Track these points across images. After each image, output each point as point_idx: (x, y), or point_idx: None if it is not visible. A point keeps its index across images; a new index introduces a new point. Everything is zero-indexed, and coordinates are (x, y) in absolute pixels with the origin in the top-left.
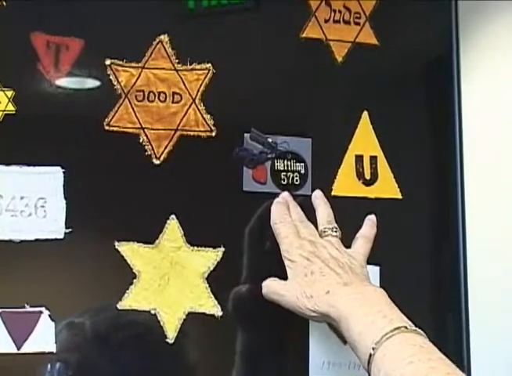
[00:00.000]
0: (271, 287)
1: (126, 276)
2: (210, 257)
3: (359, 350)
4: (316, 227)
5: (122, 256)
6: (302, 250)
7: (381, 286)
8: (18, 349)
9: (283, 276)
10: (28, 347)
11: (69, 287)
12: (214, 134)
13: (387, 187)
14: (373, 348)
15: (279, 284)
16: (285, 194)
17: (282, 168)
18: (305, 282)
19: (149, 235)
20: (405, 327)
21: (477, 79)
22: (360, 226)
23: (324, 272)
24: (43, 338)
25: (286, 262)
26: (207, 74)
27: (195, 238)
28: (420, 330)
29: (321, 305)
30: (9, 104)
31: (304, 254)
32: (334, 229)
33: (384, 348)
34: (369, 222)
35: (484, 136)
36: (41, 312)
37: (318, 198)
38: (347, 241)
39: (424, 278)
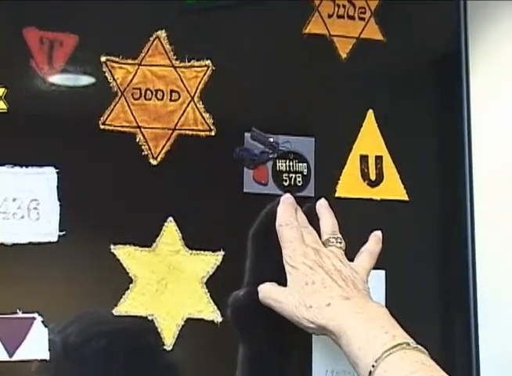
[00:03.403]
0: (268, 291)
1: (122, 280)
2: (209, 261)
3: (359, 366)
4: (319, 234)
5: (118, 260)
6: (305, 257)
7: (387, 291)
8: (10, 357)
9: (283, 281)
10: (21, 354)
11: (63, 292)
12: (213, 133)
13: (393, 188)
14: (373, 365)
15: (277, 290)
16: (289, 196)
17: (284, 169)
18: (305, 291)
19: (146, 238)
20: (408, 344)
21: (486, 76)
22: (365, 229)
23: (326, 284)
24: (36, 345)
25: (287, 268)
26: (206, 71)
27: (194, 241)
28: (422, 348)
29: (320, 317)
30: (1, 102)
31: (308, 263)
32: (339, 240)
33: (384, 364)
34: (374, 237)
35: (493, 135)
36: (33, 319)
37: (323, 207)
38: (351, 245)
39: (432, 283)
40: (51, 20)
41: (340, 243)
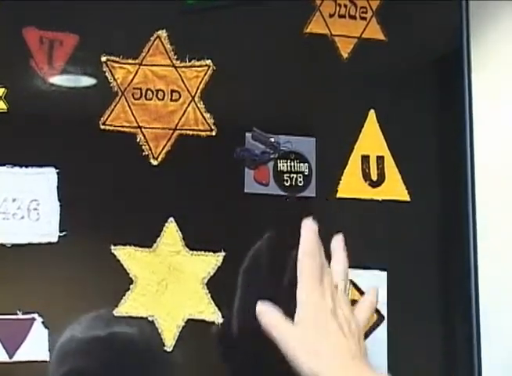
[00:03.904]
0: (274, 322)
1: (122, 281)
2: (210, 261)
3: None
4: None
5: (118, 260)
6: (321, 299)
7: (388, 292)
8: (10, 358)
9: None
10: (21, 355)
11: (63, 292)
12: (214, 133)
13: (394, 189)
14: None
15: (284, 323)
16: (313, 222)
17: (285, 169)
18: (313, 335)
19: (146, 238)
20: None
21: (487, 76)
22: (367, 230)
23: (337, 336)
24: (36, 346)
25: (301, 303)
26: (207, 70)
27: (194, 242)
28: None
29: (320, 369)
30: (1, 102)
31: (323, 306)
32: (348, 288)
33: None
34: (373, 291)
35: (494, 135)
36: (33, 319)
37: (338, 244)
38: (352, 246)
39: (433, 283)
40: (51, 20)
41: (349, 290)
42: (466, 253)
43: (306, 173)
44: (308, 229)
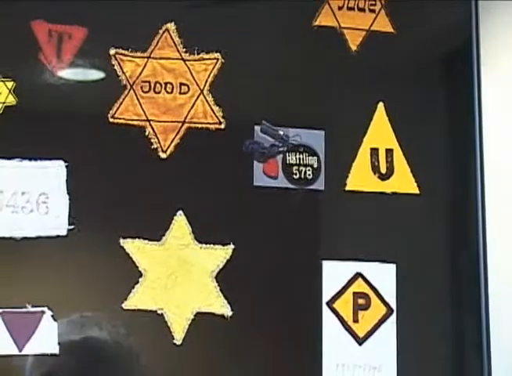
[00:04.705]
0: None
1: (131, 274)
2: (219, 255)
3: None
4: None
5: (127, 254)
6: None
7: (397, 285)
8: (20, 351)
9: None
10: (30, 348)
11: (72, 286)
12: (223, 126)
13: (403, 181)
14: None
15: None
16: None
17: (294, 162)
18: None
19: (155, 232)
20: None
21: (498, 69)
22: (375, 223)
23: None
24: (45, 339)
25: None
26: (216, 63)
27: (203, 235)
28: None
29: None
30: (9, 96)
31: None
32: None
33: None
34: None
35: (504, 127)
36: (43, 312)
37: None
38: (361, 240)
39: (442, 276)
40: (60, 13)
41: None
42: (475, 245)
43: (315, 166)
44: None
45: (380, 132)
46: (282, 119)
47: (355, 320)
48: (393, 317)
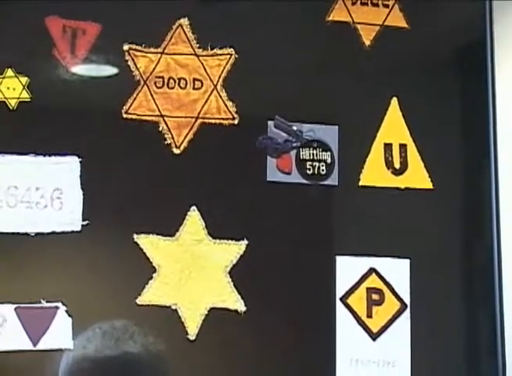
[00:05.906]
0: None
1: (145, 270)
2: (232, 250)
3: None
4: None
5: (141, 249)
6: None
7: (411, 280)
8: (34, 346)
9: None
10: (44, 344)
11: (86, 281)
12: (236, 122)
13: (417, 177)
14: None
15: None
16: None
17: (307, 157)
18: None
19: (169, 227)
20: None
21: (511, 64)
22: (389, 218)
23: None
24: (60, 334)
25: None
26: (229, 59)
27: (217, 230)
28: None
29: None
30: (24, 91)
31: None
32: None
33: None
34: None
35: None
36: (57, 308)
37: None
38: (375, 235)
39: (456, 271)
40: (73, 9)
41: None
42: (489, 241)
43: (329, 161)
44: None
45: (393, 127)
46: (295, 114)
47: (369, 316)
48: (407, 312)
